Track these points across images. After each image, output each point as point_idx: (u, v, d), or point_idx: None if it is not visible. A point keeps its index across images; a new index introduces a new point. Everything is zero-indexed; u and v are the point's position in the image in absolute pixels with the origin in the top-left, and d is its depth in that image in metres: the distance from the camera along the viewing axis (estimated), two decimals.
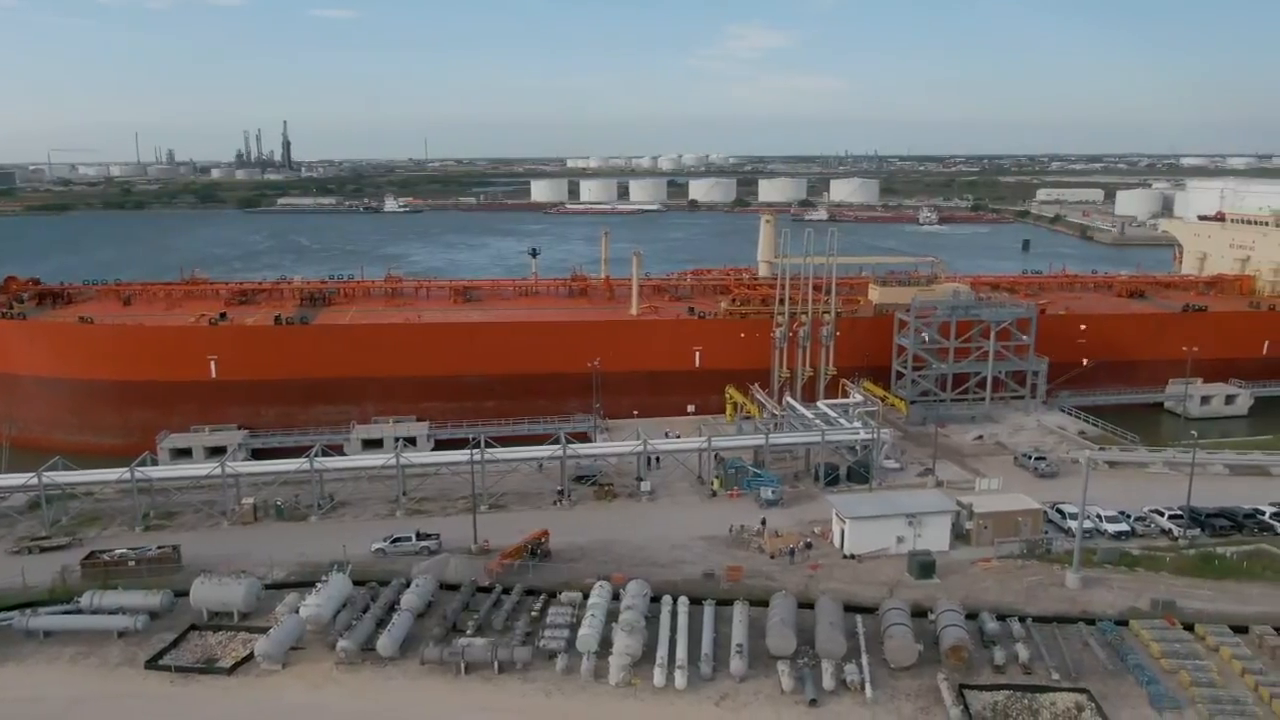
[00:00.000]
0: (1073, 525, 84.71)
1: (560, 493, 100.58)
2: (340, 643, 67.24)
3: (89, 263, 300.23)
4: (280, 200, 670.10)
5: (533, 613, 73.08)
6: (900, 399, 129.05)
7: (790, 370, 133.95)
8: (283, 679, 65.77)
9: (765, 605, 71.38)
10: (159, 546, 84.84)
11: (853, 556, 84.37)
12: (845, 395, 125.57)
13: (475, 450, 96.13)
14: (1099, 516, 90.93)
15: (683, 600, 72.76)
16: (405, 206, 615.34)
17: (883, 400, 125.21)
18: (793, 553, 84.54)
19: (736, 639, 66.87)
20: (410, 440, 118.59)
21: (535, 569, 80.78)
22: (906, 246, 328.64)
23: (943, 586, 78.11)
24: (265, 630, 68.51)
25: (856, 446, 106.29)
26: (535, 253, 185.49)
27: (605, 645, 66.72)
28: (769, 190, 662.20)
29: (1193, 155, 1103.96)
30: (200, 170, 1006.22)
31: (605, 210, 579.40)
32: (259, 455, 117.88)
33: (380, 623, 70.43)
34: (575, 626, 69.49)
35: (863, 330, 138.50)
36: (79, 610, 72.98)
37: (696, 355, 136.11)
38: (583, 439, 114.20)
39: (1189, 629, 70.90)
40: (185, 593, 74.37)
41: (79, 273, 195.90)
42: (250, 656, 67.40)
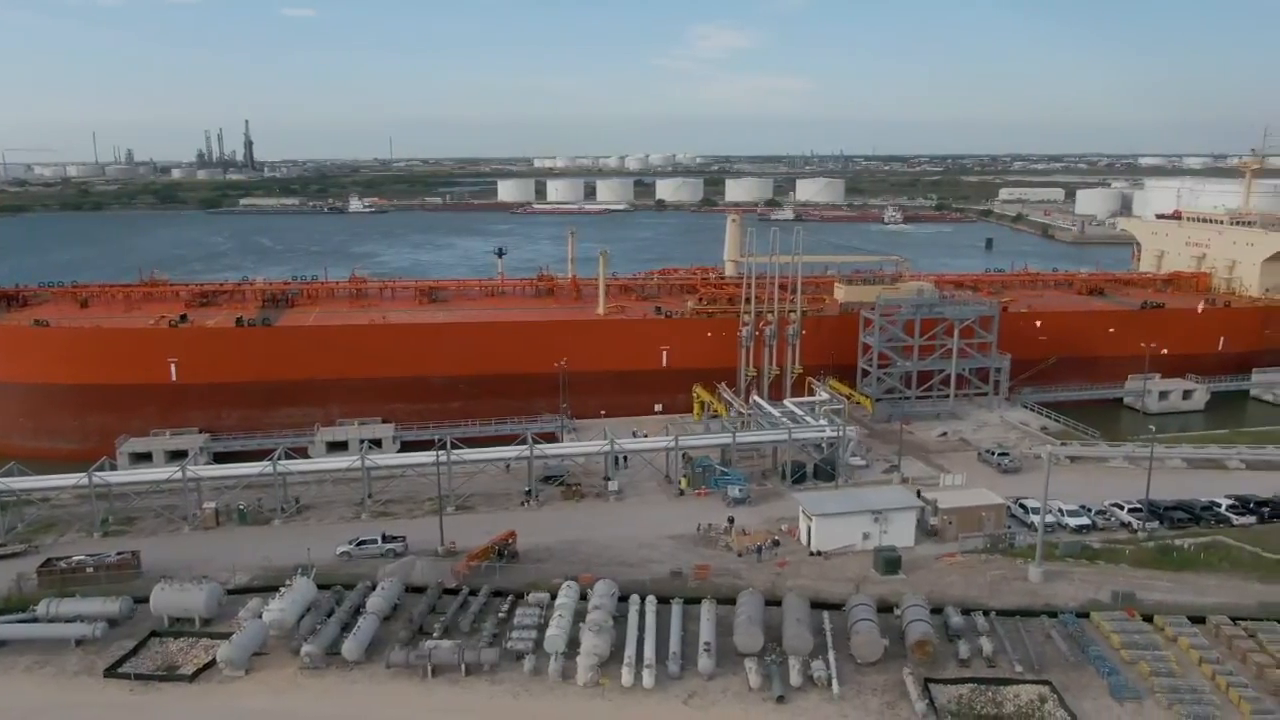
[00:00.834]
0: (1035, 520, 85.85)
1: (527, 493, 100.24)
2: (304, 647, 66.45)
3: (45, 264, 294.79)
4: (243, 201, 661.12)
5: (500, 614, 72.70)
6: (866, 397, 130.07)
7: (757, 369, 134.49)
8: (246, 685, 64.87)
9: (733, 603, 71.58)
10: (118, 553, 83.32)
11: (819, 553, 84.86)
12: (811, 393, 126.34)
13: (441, 451, 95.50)
14: (1061, 511, 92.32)
15: (650, 599, 72.76)
16: (370, 207, 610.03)
17: (848, 398, 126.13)
18: (760, 550, 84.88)
19: (704, 637, 66.98)
20: (376, 442, 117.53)
21: (502, 570, 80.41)
22: (872, 245, 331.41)
23: (908, 582, 78.78)
24: (228, 636, 67.47)
25: (823, 444, 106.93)
26: (501, 253, 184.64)
27: (573, 645, 66.56)
28: (736, 190, 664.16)
29: (1151, 155, 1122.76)
30: (160, 170, 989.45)
31: (572, 210, 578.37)
32: (221, 459, 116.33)
33: (345, 626, 69.66)
34: (543, 627, 69.26)
35: (828, 329, 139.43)
36: (35, 619, 71.44)
37: (663, 355, 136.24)
38: (550, 439, 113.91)
39: (1148, 620, 72.05)
40: (145, 599, 73.13)
41: (35, 275, 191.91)
42: (212, 663, 66.38)
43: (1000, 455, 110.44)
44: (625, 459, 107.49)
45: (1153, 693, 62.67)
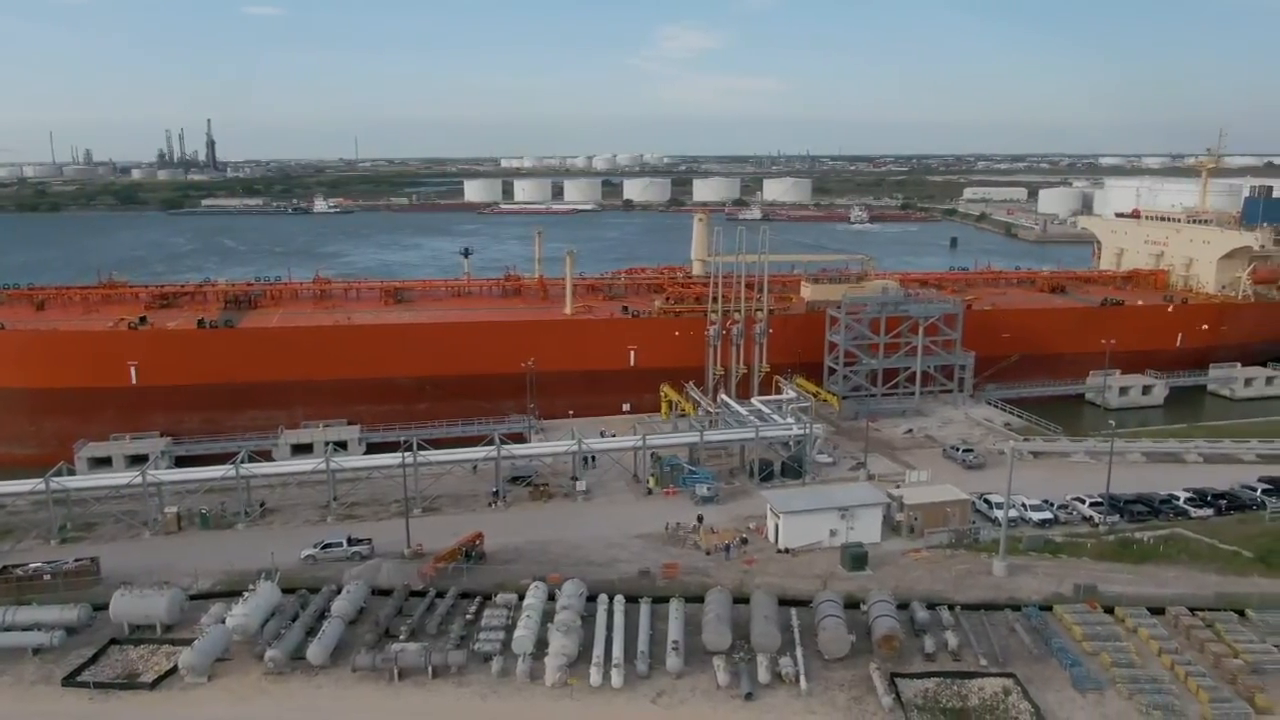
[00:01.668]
0: (999, 515, 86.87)
1: (495, 494, 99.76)
2: (268, 653, 65.63)
3: (0, 266, 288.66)
4: (205, 201, 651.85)
5: (468, 616, 72.28)
6: (832, 394, 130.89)
7: (724, 368, 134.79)
8: (208, 692, 63.96)
9: (701, 601, 71.72)
10: (76, 559, 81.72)
11: (787, 550, 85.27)
12: (779, 392, 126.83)
13: (407, 453, 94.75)
14: (1024, 505, 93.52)
15: (619, 599, 72.73)
16: (335, 207, 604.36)
17: (815, 396, 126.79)
18: (728, 548, 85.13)
19: (672, 636, 67.06)
20: (341, 444, 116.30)
21: (470, 572, 79.98)
22: (838, 244, 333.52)
23: (875, 578, 79.39)
24: (189, 642, 66.44)
25: (790, 442, 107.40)
26: (468, 253, 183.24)
27: (541, 646, 66.35)
28: (703, 190, 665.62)
29: (1111, 155, 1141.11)
30: (120, 171, 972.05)
31: (540, 210, 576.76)
32: (183, 463, 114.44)
33: (310, 631, 68.97)
34: (511, 628, 68.97)
35: (795, 327, 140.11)
36: None
37: (631, 354, 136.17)
38: (518, 440, 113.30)
39: (1109, 612, 73.23)
40: (105, 606, 71.87)
41: None
42: (174, 670, 65.39)
43: (965, 451, 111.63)
44: (593, 459, 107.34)
45: (1114, 683, 63.66)
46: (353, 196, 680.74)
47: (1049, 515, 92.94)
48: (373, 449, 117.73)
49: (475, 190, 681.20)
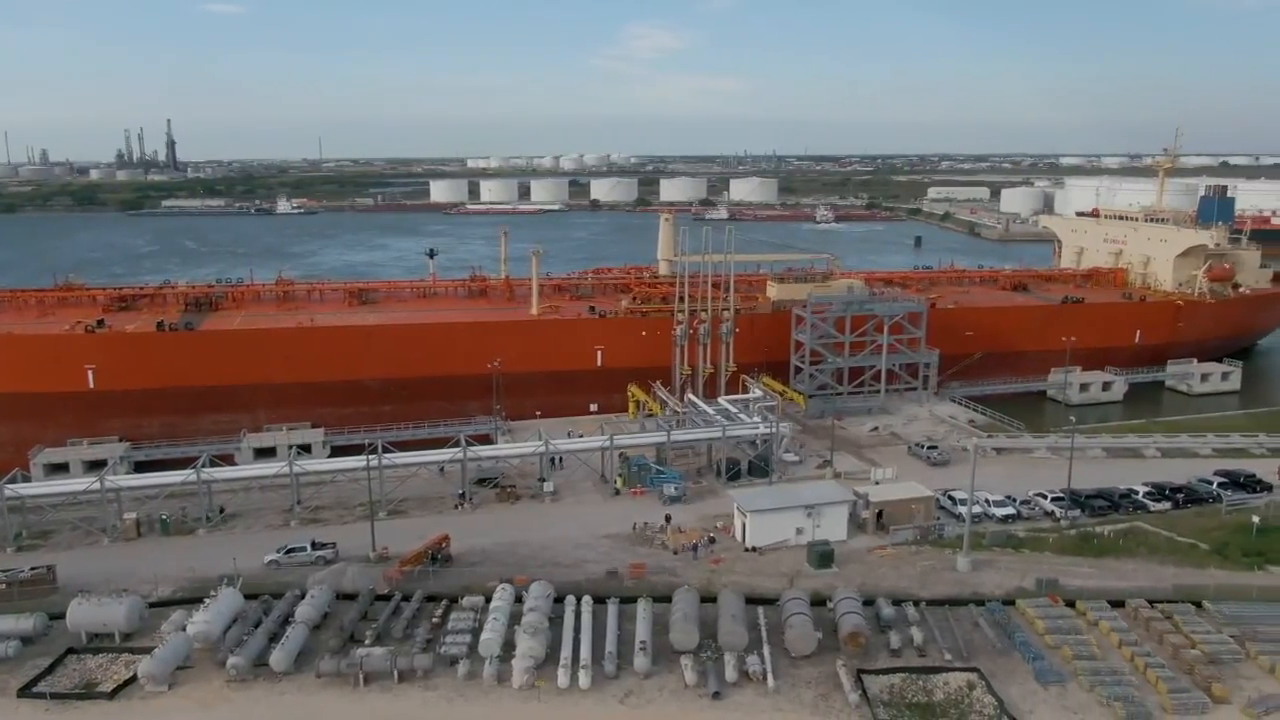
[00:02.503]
0: (963, 511, 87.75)
1: (461, 496, 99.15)
2: (230, 659, 64.71)
3: None
4: (165, 202, 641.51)
5: (434, 619, 71.71)
6: (799, 393, 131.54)
7: (691, 367, 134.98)
8: (169, 700, 62.93)
9: (669, 601, 71.73)
10: (32, 568, 79.99)
11: (754, 549, 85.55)
12: (745, 391, 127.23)
13: (372, 456, 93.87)
14: (987, 501, 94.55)
15: (586, 600, 72.56)
16: (299, 208, 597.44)
17: (782, 395, 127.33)
18: (696, 548, 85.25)
19: (640, 636, 67.02)
20: (305, 447, 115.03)
21: (436, 574, 79.44)
22: (804, 244, 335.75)
23: (841, 575, 79.89)
24: (149, 650, 65.38)
25: (757, 441, 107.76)
26: (433, 253, 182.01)
27: (508, 648, 66.02)
28: (670, 190, 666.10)
29: (1071, 155, 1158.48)
30: (78, 171, 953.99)
31: (506, 210, 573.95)
32: (143, 468, 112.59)
33: (273, 637, 68.14)
34: (477, 631, 68.54)
35: (761, 326, 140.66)
36: None
37: (598, 354, 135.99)
38: (485, 441, 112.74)
39: (1071, 605, 74.22)
40: (62, 615, 70.54)
41: None
42: (133, 679, 64.23)
43: (929, 449, 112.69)
44: (560, 460, 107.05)
45: (1075, 676, 64.57)
46: (317, 197, 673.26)
47: (1012, 511, 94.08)
48: (337, 452, 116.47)
49: (441, 190, 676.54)
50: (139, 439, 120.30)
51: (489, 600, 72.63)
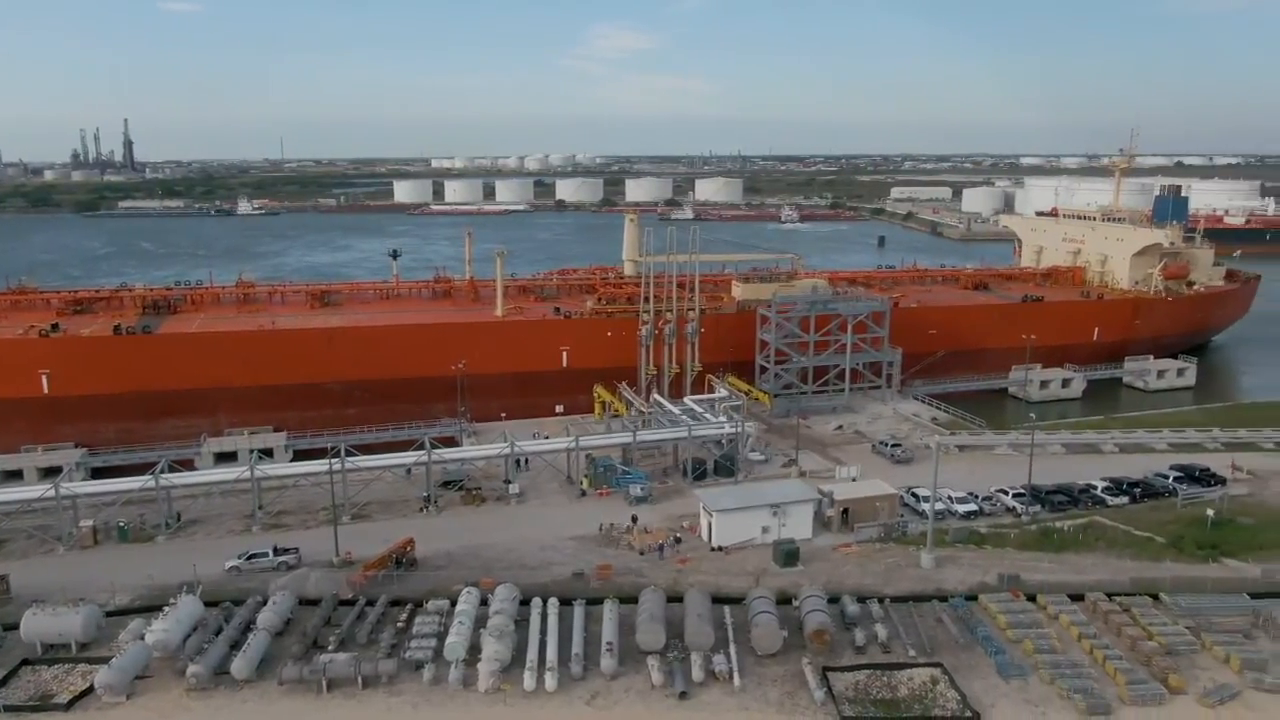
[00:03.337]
0: (926, 508, 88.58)
1: (426, 499, 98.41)
2: (190, 668, 63.70)
3: None
4: (122, 203, 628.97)
5: (399, 624, 71.10)
6: (764, 393, 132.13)
7: (657, 367, 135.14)
8: (127, 711, 61.80)
9: (635, 602, 71.72)
10: None
11: (720, 549, 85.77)
12: (711, 390, 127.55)
13: (335, 459, 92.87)
14: (950, 498, 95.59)
15: (552, 602, 72.36)
16: (260, 209, 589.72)
17: (747, 394, 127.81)
18: (662, 548, 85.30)
19: (606, 637, 66.95)
20: (267, 452, 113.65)
21: (401, 579, 78.73)
22: (768, 244, 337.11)
23: (806, 573, 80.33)
24: (107, 660, 64.23)
25: (722, 440, 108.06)
26: (396, 254, 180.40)
27: (474, 652, 65.67)
28: (636, 190, 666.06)
29: (1031, 155, 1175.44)
30: (32, 172, 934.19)
31: (471, 211, 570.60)
32: (100, 474, 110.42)
33: (235, 644, 67.21)
34: (443, 635, 68.10)
35: (726, 326, 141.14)
36: None
37: (563, 355, 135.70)
38: (450, 444, 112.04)
39: (1032, 600, 75.27)
40: (15, 626, 69.08)
41: None
42: (90, 690, 63.04)
43: (893, 446, 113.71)
44: (526, 461, 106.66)
45: (1037, 669, 65.45)
46: (279, 198, 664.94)
47: (974, 507, 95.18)
48: (300, 456, 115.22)
49: (405, 191, 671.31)
50: (96, 445, 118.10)
51: (454, 604, 72.16)
